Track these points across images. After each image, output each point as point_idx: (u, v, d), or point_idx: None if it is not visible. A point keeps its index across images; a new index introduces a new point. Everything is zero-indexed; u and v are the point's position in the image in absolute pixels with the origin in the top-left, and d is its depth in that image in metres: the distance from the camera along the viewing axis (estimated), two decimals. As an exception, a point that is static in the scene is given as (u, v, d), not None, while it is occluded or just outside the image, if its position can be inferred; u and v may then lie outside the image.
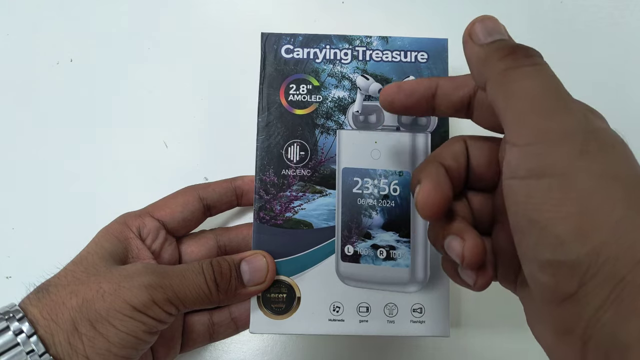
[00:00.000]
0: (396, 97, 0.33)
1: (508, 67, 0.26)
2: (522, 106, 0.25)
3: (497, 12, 0.52)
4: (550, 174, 0.24)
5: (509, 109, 0.26)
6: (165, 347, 0.40)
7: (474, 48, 0.28)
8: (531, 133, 0.25)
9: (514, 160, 0.25)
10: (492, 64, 0.27)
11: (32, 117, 0.51)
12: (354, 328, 0.38)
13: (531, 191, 0.24)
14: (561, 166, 0.24)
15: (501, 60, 0.26)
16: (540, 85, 0.26)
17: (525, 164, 0.25)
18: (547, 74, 0.26)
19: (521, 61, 0.26)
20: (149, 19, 0.53)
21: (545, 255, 0.24)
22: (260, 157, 0.40)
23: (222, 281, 0.36)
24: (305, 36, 0.41)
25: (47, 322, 0.32)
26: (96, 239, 0.38)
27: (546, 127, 0.25)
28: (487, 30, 0.28)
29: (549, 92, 0.25)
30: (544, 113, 0.25)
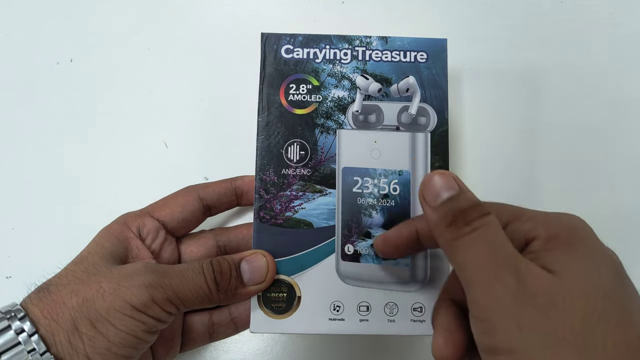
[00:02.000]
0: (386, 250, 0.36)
1: (453, 238, 0.28)
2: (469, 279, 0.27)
3: (497, 12, 0.53)
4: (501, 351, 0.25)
5: (462, 280, 0.28)
6: (165, 347, 0.40)
7: (426, 210, 0.29)
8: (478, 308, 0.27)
9: (475, 334, 0.27)
10: (441, 232, 0.28)
11: (32, 117, 0.51)
12: (354, 327, 0.38)
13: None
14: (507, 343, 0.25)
15: (446, 229, 0.28)
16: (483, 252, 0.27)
17: (482, 341, 0.27)
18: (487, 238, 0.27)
19: (461, 230, 0.27)
20: (149, 19, 0.53)
21: None
22: (260, 156, 0.40)
23: (222, 281, 0.36)
24: (305, 36, 0.41)
25: (48, 322, 0.32)
26: (96, 239, 0.38)
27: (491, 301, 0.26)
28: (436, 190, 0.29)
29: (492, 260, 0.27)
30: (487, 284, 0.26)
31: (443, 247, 0.29)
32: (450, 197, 0.29)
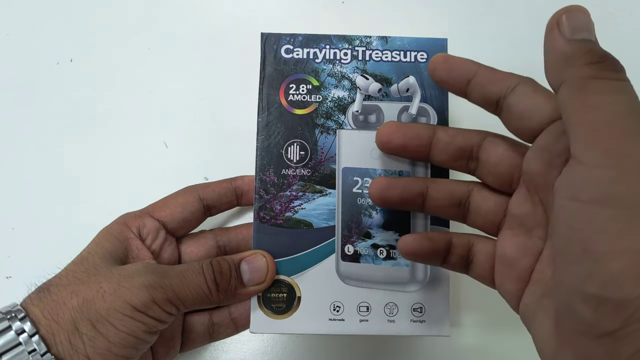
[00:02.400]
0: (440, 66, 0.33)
1: (593, 76, 0.24)
2: (601, 123, 0.23)
3: (497, 12, 0.53)
4: (618, 204, 0.22)
5: (585, 121, 0.24)
6: (165, 347, 0.40)
7: (559, 40, 0.25)
8: (605, 154, 0.23)
9: (578, 180, 0.24)
10: (576, 66, 0.24)
11: (32, 117, 0.51)
12: (354, 327, 0.38)
13: (592, 218, 0.23)
14: (631, 198, 0.22)
15: (587, 65, 0.24)
16: (625, 103, 0.24)
17: (591, 187, 0.23)
18: (632, 94, 0.24)
19: (609, 73, 0.24)
20: (149, 19, 0.53)
21: (592, 288, 0.23)
22: (260, 156, 0.40)
23: (222, 281, 0.37)
24: (305, 36, 0.41)
25: (49, 322, 0.32)
26: (96, 240, 0.38)
27: (624, 150, 0.23)
28: (577, 24, 0.25)
29: (632, 114, 0.23)
30: (624, 134, 0.23)
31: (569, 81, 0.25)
32: (592, 40, 0.25)
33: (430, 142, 0.35)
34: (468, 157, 0.34)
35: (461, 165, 0.35)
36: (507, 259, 0.32)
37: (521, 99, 0.30)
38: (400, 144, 0.35)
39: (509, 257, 0.32)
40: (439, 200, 0.35)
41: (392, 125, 0.35)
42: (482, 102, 0.32)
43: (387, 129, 0.35)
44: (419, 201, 0.35)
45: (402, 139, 0.35)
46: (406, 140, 0.35)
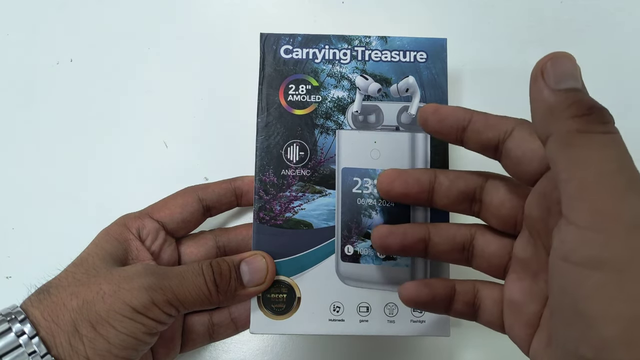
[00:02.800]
0: (430, 117, 0.33)
1: (580, 129, 0.23)
2: (590, 179, 0.23)
3: (496, 12, 0.53)
4: (607, 268, 0.22)
5: (573, 179, 0.23)
6: (165, 348, 0.40)
7: (543, 91, 0.24)
8: (594, 215, 0.22)
9: (569, 241, 0.23)
10: (562, 119, 0.24)
11: (32, 117, 0.51)
12: (354, 328, 0.38)
13: (582, 282, 0.22)
14: (622, 262, 0.22)
15: (573, 118, 0.23)
16: (614, 159, 0.23)
17: (582, 250, 0.23)
18: (621, 147, 0.23)
19: (596, 126, 0.23)
20: (149, 19, 0.53)
21: (585, 351, 0.23)
22: (260, 157, 0.40)
23: (222, 282, 0.37)
24: (304, 36, 0.41)
25: (48, 324, 0.32)
26: (96, 241, 0.38)
27: (613, 210, 0.22)
28: (562, 72, 0.24)
29: (622, 170, 0.23)
30: (613, 193, 0.22)
31: (556, 134, 0.24)
32: (578, 89, 0.24)
33: (432, 188, 0.35)
34: (471, 200, 0.34)
35: (465, 208, 0.35)
36: (515, 303, 0.32)
37: (519, 143, 0.30)
38: (402, 192, 0.35)
39: (517, 302, 0.31)
40: (442, 245, 0.35)
41: (392, 173, 0.35)
42: (481, 149, 0.32)
43: (387, 177, 0.35)
44: (421, 247, 0.35)
45: (403, 187, 0.35)
46: (407, 188, 0.35)
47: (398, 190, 0.35)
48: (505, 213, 0.33)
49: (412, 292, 0.34)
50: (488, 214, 0.34)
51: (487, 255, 0.34)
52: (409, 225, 0.36)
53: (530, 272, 0.31)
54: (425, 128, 0.33)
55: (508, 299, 0.32)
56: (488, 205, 0.34)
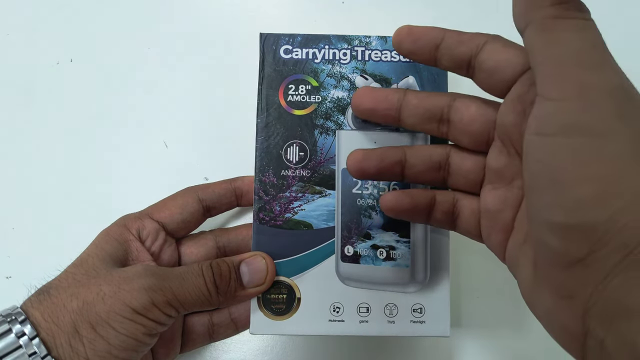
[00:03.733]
0: (405, 38, 0.33)
1: (557, 15, 0.24)
2: (565, 57, 0.24)
3: (496, 12, 0.53)
4: (583, 133, 0.23)
5: (549, 59, 0.24)
6: (165, 348, 0.40)
7: None
8: (570, 87, 0.24)
9: (545, 115, 0.24)
10: (542, 7, 0.25)
11: (32, 117, 0.51)
12: (354, 328, 0.38)
13: (558, 149, 0.24)
14: (596, 127, 0.23)
15: (552, 6, 0.24)
16: (588, 39, 0.24)
17: (558, 119, 0.24)
18: (595, 31, 0.24)
19: (573, 13, 0.24)
20: (149, 19, 0.53)
21: (559, 217, 0.23)
22: (260, 157, 0.40)
23: (222, 283, 0.37)
24: (304, 36, 0.41)
25: (49, 325, 0.32)
26: (96, 242, 0.38)
27: (588, 82, 0.23)
28: None
29: (596, 48, 0.24)
30: (587, 67, 0.23)
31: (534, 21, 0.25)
32: None
33: (400, 106, 0.35)
34: (439, 120, 0.34)
35: (432, 128, 0.35)
36: (491, 211, 0.32)
37: (491, 55, 0.30)
38: (370, 107, 0.36)
39: (492, 210, 0.32)
40: (418, 166, 0.35)
41: (364, 90, 0.36)
42: (453, 66, 0.32)
43: (358, 93, 0.36)
44: (398, 170, 0.35)
45: (372, 103, 0.35)
46: (376, 103, 0.35)
47: (366, 106, 0.36)
48: (476, 128, 0.33)
49: (393, 200, 0.35)
50: (458, 132, 0.34)
51: (464, 172, 0.34)
52: (385, 148, 0.35)
53: (504, 181, 0.32)
54: (400, 50, 0.33)
55: (484, 208, 0.33)
56: (457, 123, 0.34)
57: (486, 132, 0.33)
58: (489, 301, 0.47)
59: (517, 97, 0.29)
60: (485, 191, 0.33)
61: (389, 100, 0.35)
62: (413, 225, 0.39)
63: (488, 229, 0.33)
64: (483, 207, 0.33)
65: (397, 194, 0.35)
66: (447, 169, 0.35)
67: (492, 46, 0.30)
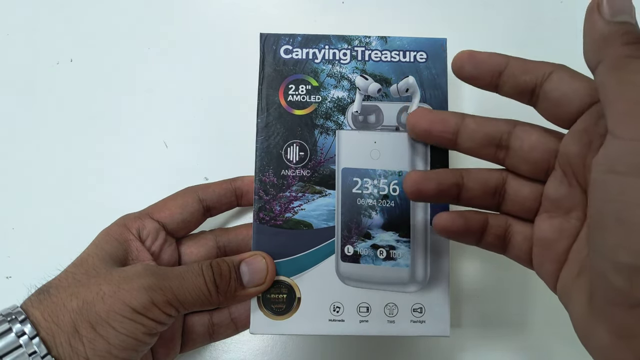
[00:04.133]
0: (466, 63, 0.33)
1: (631, 55, 0.25)
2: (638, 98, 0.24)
3: (497, 12, 0.53)
4: None
5: (622, 98, 0.24)
6: (165, 348, 0.40)
7: (598, 22, 0.26)
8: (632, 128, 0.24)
9: (615, 153, 0.24)
10: (614, 46, 0.25)
11: (32, 117, 0.51)
12: (354, 328, 0.38)
13: (628, 189, 0.23)
14: None
15: (625, 45, 0.25)
16: None
17: (628, 159, 0.24)
18: None
19: None
20: (149, 19, 0.53)
21: (626, 257, 0.23)
22: (260, 157, 0.40)
23: (222, 282, 0.37)
24: (304, 36, 0.41)
25: (49, 324, 0.32)
26: (96, 241, 0.38)
27: None
28: (617, 7, 0.26)
29: None
30: None
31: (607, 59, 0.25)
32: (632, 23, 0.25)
33: (458, 129, 0.35)
34: (497, 145, 0.34)
35: (489, 153, 0.35)
36: (545, 240, 0.32)
37: (558, 85, 0.30)
38: (425, 129, 0.36)
39: (547, 239, 0.32)
40: (475, 190, 0.35)
41: (420, 111, 0.36)
42: (517, 93, 0.32)
43: (415, 114, 0.36)
44: (454, 192, 0.35)
45: (428, 124, 0.35)
46: (431, 124, 0.35)
47: (422, 127, 0.36)
48: (537, 157, 0.33)
49: (449, 221, 0.35)
50: (517, 159, 0.34)
51: (520, 199, 0.34)
52: (443, 170, 0.35)
53: (562, 211, 0.32)
54: (461, 73, 0.33)
55: (538, 237, 0.33)
56: (518, 150, 0.33)
57: (547, 160, 0.33)
58: (489, 301, 0.47)
59: (584, 129, 0.29)
60: (541, 219, 0.33)
61: (447, 122, 0.35)
62: (413, 224, 0.39)
63: (541, 258, 0.33)
64: (537, 235, 0.33)
65: (452, 215, 0.35)
66: (502, 195, 0.35)
67: (559, 76, 0.30)
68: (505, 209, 0.35)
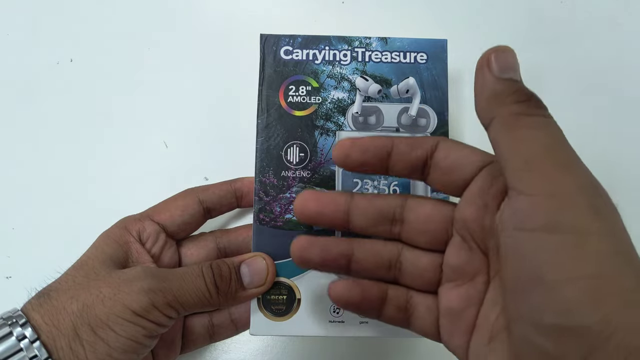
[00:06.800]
0: (351, 151, 0.31)
1: (522, 112, 0.26)
2: (534, 153, 0.25)
3: (497, 12, 0.53)
4: (566, 230, 0.23)
5: (518, 154, 0.25)
6: (166, 349, 0.40)
7: (489, 78, 0.27)
8: (543, 182, 0.24)
9: (521, 210, 0.25)
10: (506, 104, 0.26)
11: (32, 117, 0.51)
12: (354, 330, 0.38)
13: (541, 246, 0.23)
14: (576, 223, 0.23)
15: (516, 103, 0.26)
16: (552, 137, 0.25)
17: (537, 215, 0.24)
18: (557, 129, 0.26)
19: (535, 110, 0.26)
20: (149, 19, 0.53)
21: (549, 319, 0.23)
22: (260, 158, 0.40)
23: (222, 284, 0.37)
24: (304, 37, 0.41)
25: (49, 328, 0.32)
26: (96, 244, 0.38)
27: (561, 179, 0.24)
28: (505, 64, 0.27)
29: (561, 145, 0.25)
30: (558, 164, 0.24)
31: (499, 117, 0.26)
32: (518, 80, 0.27)
33: (348, 208, 0.33)
34: (391, 220, 0.33)
35: (384, 230, 0.33)
36: (453, 310, 0.31)
37: (447, 153, 0.30)
38: (316, 211, 0.33)
39: (455, 309, 0.31)
40: (366, 261, 0.33)
41: (307, 194, 0.33)
42: (408, 171, 0.32)
43: (302, 197, 0.33)
44: (343, 262, 0.33)
45: (317, 206, 0.33)
46: (322, 206, 0.33)
47: (312, 209, 0.33)
48: (433, 227, 0.32)
49: (343, 291, 0.33)
50: (413, 232, 0.33)
51: (419, 270, 0.33)
52: (332, 238, 0.34)
53: (466, 277, 0.31)
54: (346, 164, 0.32)
55: (446, 307, 0.32)
56: (413, 223, 0.33)
57: (444, 230, 0.32)
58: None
59: (477, 192, 0.29)
60: (445, 289, 0.32)
61: (336, 202, 0.33)
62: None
63: (450, 329, 0.32)
64: (444, 306, 0.32)
65: (348, 283, 0.33)
66: (398, 267, 0.33)
67: (445, 144, 0.31)
68: (404, 281, 0.34)
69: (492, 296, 0.30)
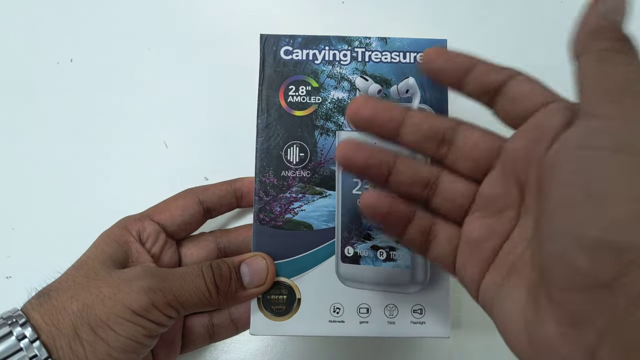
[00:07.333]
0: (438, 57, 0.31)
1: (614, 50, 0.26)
2: (617, 85, 0.25)
3: (497, 12, 0.53)
4: (632, 153, 0.23)
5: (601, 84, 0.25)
6: (166, 349, 0.40)
7: (593, 15, 0.27)
8: (621, 109, 0.24)
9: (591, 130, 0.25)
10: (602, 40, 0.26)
11: (32, 117, 0.51)
12: (354, 329, 0.38)
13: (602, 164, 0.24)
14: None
15: (611, 40, 0.26)
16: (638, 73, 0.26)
17: (607, 135, 0.24)
18: None
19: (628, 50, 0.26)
20: (149, 19, 0.53)
21: (594, 231, 0.23)
22: (260, 158, 0.40)
23: (222, 284, 0.37)
24: (304, 37, 0.41)
25: (49, 327, 0.32)
26: (96, 243, 0.38)
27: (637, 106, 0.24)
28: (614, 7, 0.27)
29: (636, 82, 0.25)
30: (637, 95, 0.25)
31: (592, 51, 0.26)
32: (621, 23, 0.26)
33: (403, 120, 0.32)
34: (440, 141, 0.33)
35: (431, 148, 0.33)
36: (473, 240, 0.31)
37: (520, 84, 0.30)
38: (370, 115, 0.32)
39: (475, 239, 0.31)
40: (404, 175, 0.33)
41: (362, 98, 0.32)
42: (480, 91, 0.31)
43: (356, 101, 0.32)
44: (384, 172, 0.32)
45: (371, 111, 0.32)
46: (375, 112, 0.32)
47: (365, 114, 0.32)
48: (478, 154, 0.32)
49: (373, 199, 0.32)
50: (458, 156, 0.32)
51: (451, 195, 0.33)
52: (378, 147, 0.33)
53: (494, 210, 0.31)
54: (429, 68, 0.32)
55: (467, 236, 0.32)
56: (460, 147, 0.32)
57: (488, 159, 0.32)
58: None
59: (535, 125, 0.29)
60: (472, 219, 0.32)
61: (391, 111, 0.32)
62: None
63: (465, 258, 0.32)
64: (466, 234, 0.32)
65: (380, 194, 0.33)
66: (433, 189, 0.33)
67: (522, 77, 0.30)
68: (434, 204, 0.33)
69: (519, 232, 0.30)
